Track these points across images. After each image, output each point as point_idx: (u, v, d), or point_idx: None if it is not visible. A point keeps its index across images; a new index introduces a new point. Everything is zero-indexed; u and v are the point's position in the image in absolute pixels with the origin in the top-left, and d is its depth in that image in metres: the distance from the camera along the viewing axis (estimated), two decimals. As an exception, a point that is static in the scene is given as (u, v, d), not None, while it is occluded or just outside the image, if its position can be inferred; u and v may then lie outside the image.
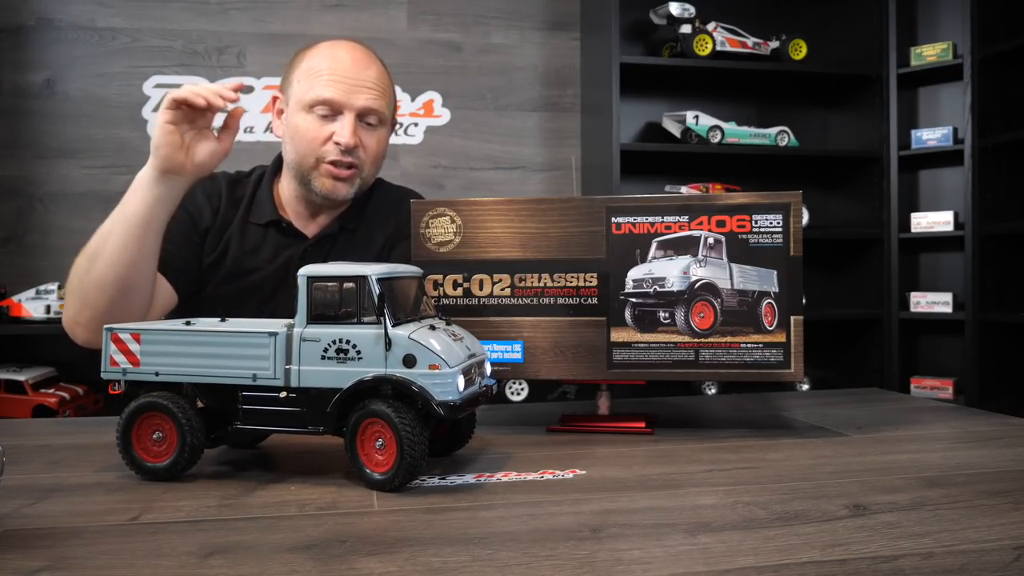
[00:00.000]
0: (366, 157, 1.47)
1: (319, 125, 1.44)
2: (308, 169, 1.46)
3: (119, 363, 0.94)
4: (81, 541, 0.73)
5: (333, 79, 1.43)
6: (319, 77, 1.43)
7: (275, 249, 1.50)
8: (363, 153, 1.46)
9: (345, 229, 1.53)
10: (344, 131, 1.42)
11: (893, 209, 3.38)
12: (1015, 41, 3.06)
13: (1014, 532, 0.73)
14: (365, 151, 1.46)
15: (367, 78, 1.45)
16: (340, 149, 1.43)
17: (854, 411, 1.36)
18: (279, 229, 1.51)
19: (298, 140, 1.46)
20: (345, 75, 1.43)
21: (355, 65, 1.45)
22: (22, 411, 2.62)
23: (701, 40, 3.19)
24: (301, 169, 1.47)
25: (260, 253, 1.50)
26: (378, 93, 1.46)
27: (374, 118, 1.46)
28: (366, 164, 1.48)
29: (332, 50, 1.47)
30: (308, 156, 1.45)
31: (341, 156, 1.43)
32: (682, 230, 1.16)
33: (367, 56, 1.49)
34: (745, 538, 0.72)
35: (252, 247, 1.50)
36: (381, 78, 1.48)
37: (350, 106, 1.43)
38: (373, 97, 1.45)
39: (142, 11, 3.16)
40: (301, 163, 1.46)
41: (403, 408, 0.86)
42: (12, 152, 3.08)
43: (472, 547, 0.70)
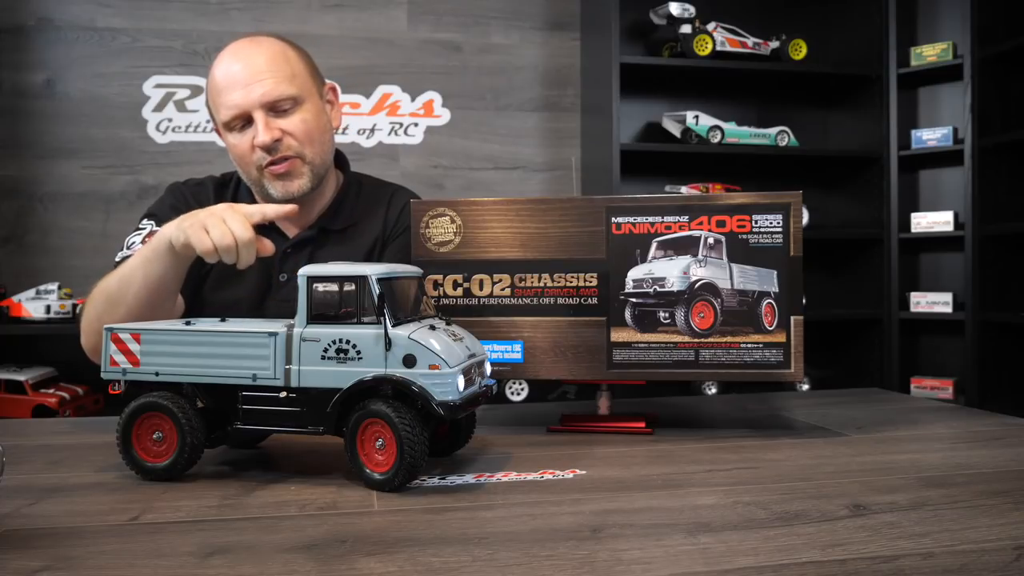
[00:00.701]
0: (297, 142, 1.43)
1: (241, 138, 1.44)
2: (256, 180, 1.46)
3: (119, 363, 0.94)
4: (81, 541, 0.73)
5: (226, 91, 1.42)
6: (217, 95, 1.44)
7: None
8: (291, 140, 1.43)
9: (327, 231, 1.52)
10: (259, 132, 1.41)
11: (893, 209, 3.38)
12: (1015, 41, 3.06)
13: (1014, 532, 0.73)
14: (293, 136, 1.43)
15: (257, 71, 1.41)
16: (264, 150, 1.42)
17: (854, 411, 1.36)
18: (260, 230, 1.50)
19: (236, 159, 1.47)
20: (235, 79, 1.42)
21: (243, 65, 1.42)
22: (22, 411, 2.62)
23: (701, 40, 3.19)
24: (252, 183, 1.48)
25: None
26: (277, 79, 1.42)
27: (286, 103, 1.42)
28: (304, 148, 1.44)
29: (222, 59, 1.46)
30: (249, 169, 1.46)
31: (269, 155, 1.42)
32: (682, 230, 1.16)
33: (253, 46, 1.45)
34: (745, 538, 0.72)
35: None
36: (275, 62, 1.43)
37: (252, 105, 1.41)
38: (271, 85, 1.41)
39: (142, 11, 3.16)
40: (249, 178, 1.48)
41: (403, 408, 0.86)
42: (12, 152, 3.08)
43: (472, 547, 0.70)
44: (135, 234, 1.49)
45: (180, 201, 1.52)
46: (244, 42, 1.47)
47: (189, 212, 1.49)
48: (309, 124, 1.45)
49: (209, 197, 1.54)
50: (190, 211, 1.49)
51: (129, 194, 3.11)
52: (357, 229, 1.54)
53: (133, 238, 1.48)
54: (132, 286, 1.31)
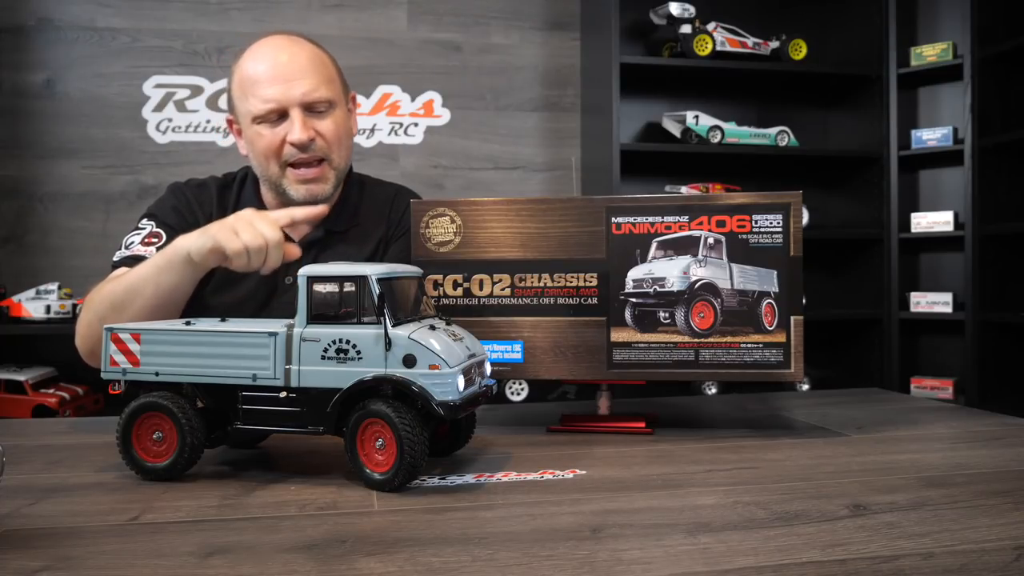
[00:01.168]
0: (328, 144, 1.44)
1: (271, 132, 1.42)
2: (277, 178, 1.45)
3: (119, 363, 0.94)
4: (81, 541, 0.73)
5: (266, 84, 1.41)
6: (254, 87, 1.42)
7: None
8: (322, 142, 1.44)
9: (332, 232, 1.51)
10: (295, 129, 1.40)
11: (893, 209, 3.38)
12: (1015, 41, 3.06)
13: (1014, 532, 0.73)
14: (324, 139, 1.44)
15: (298, 69, 1.42)
16: (297, 148, 1.41)
17: (854, 411, 1.36)
18: None
19: (257, 153, 1.45)
20: (277, 74, 1.41)
21: (282, 61, 1.42)
22: (22, 411, 2.62)
23: (701, 40, 3.19)
24: (271, 180, 1.46)
25: None
26: (317, 79, 1.43)
27: (322, 104, 1.43)
28: (332, 152, 1.45)
29: (257, 54, 1.45)
30: (272, 165, 1.44)
31: (301, 154, 1.42)
32: (682, 230, 1.16)
33: (292, 46, 1.45)
34: (745, 538, 0.72)
35: None
36: (314, 64, 1.45)
37: (291, 102, 1.40)
38: (312, 85, 1.42)
39: (142, 11, 3.16)
40: (268, 174, 1.46)
41: (403, 408, 0.86)
42: (12, 152, 3.08)
43: (472, 547, 0.70)
44: (134, 234, 1.48)
45: (181, 202, 1.52)
46: (282, 39, 1.46)
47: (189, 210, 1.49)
48: (339, 128, 1.46)
49: (211, 198, 1.53)
50: (191, 212, 1.50)
51: (129, 194, 3.11)
52: (361, 229, 1.53)
53: (132, 238, 1.47)
54: (141, 295, 1.30)
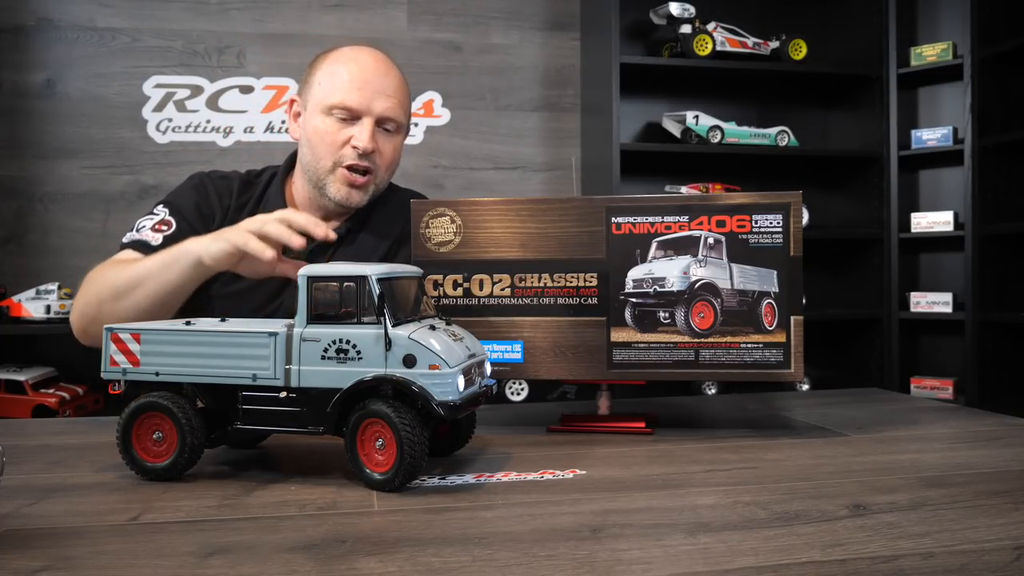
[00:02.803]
0: (381, 163, 1.49)
1: (337, 128, 1.46)
2: (324, 173, 1.47)
3: (119, 363, 0.94)
4: (81, 541, 0.73)
5: (354, 84, 1.45)
6: (340, 81, 1.46)
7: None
8: (379, 159, 1.48)
9: (352, 231, 1.54)
10: (363, 135, 1.44)
11: (893, 209, 3.38)
12: (1015, 41, 3.06)
13: (1014, 532, 0.73)
14: (381, 157, 1.48)
15: (387, 85, 1.48)
16: (358, 153, 1.45)
17: (854, 411, 1.36)
18: None
19: (316, 142, 1.47)
20: (366, 81, 1.46)
21: (376, 72, 1.48)
22: (22, 411, 2.62)
23: (701, 40, 3.19)
24: (317, 172, 1.48)
25: None
26: (397, 101, 1.49)
27: (392, 125, 1.49)
28: (381, 170, 1.50)
29: (354, 56, 1.49)
30: (325, 159, 1.46)
31: (358, 160, 1.45)
32: (682, 230, 1.16)
33: (387, 64, 1.51)
34: (745, 538, 0.72)
35: None
36: (400, 86, 1.51)
37: (369, 111, 1.45)
38: (392, 105, 1.47)
39: (142, 11, 3.16)
40: (317, 166, 1.48)
41: (403, 408, 0.86)
42: (12, 152, 3.08)
43: (472, 547, 0.70)
44: (147, 217, 1.49)
45: (201, 196, 1.53)
46: (380, 53, 1.53)
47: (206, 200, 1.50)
48: (395, 154, 1.53)
49: (232, 191, 1.54)
50: (208, 205, 1.51)
51: (129, 194, 3.11)
52: (380, 231, 1.56)
53: (144, 221, 1.48)
54: (143, 288, 1.31)
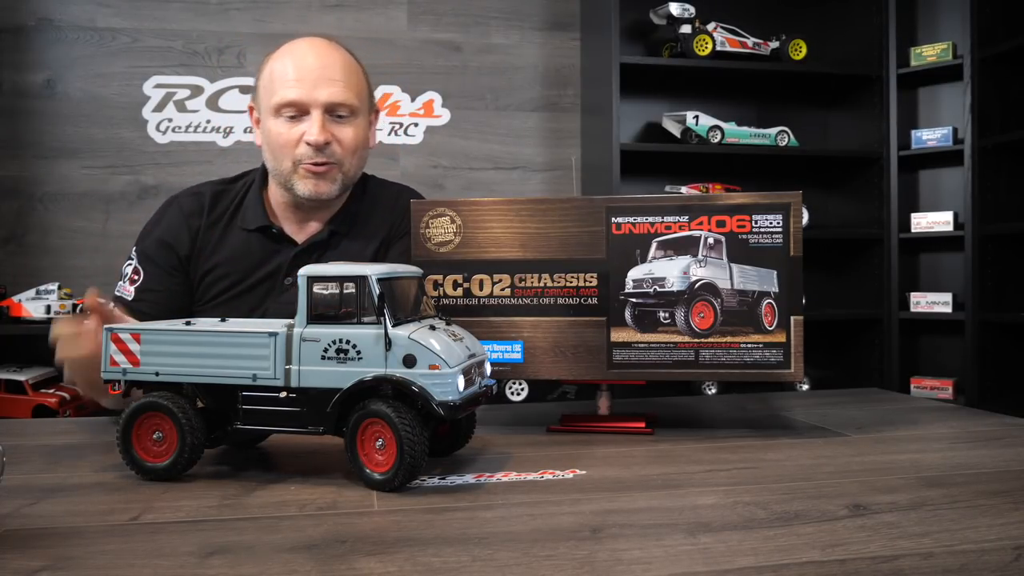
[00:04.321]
0: (342, 151, 1.44)
1: (289, 127, 1.42)
2: (287, 173, 1.44)
3: (119, 363, 0.94)
4: (81, 541, 0.73)
5: (295, 79, 1.41)
6: (282, 80, 1.42)
7: (264, 255, 1.49)
8: (338, 147, 1.44)
9: (336, 234, 1.51)
10: (313, 128, 1.40)
11: (893, 209, 3.38)
12: (1015, 41, 3.05)
13: (1014, 532, 0.73)
14: (340, 144, 1.44)
15: (330, 72, 1.43)
16: (312, 148, 1.41)
17: (854, 411, 1.36)
18: (268, 235, 1.49)
19: (272, 146, 1.45)
20: (306, 72, 1.42)
21: (316, 61, 1.43)
22: (22, 411, 2.62)
23: (701, 40, 3.19)
24: (281, 174, 1.46)
25: (249, 259, 1.48)
26: (344, 85, 1.43)
27: (344, 110, 1.44)
28: (344, 158, 1.45)
29: (291, 50, 1.45)
30: (284, 160, 1.44)
31: (314, 155, 1.41)
32: (682, 230, 1.16)
33: (328, 50, 1.46)
34: (745, 538, 0.72)
35: (241, 253, 1.49)
36: (346, 70, 1.45)
37: (315, 103, 1.41)
38: (338, 90, 1.42)
39: (142, 11, 3.16)
40: (279, 168, 1.45)
41: (403, 408, 0.86)
42: (12, 152, 3.08)
43: (472, 547, 0.70)
44: (127, 264, 1.49)
45: (167, 230, 1.50)
46: (321, 41, 1.47)
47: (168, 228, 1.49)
48: (357, 138, 1.46)
49: (203, 208, 1.51)
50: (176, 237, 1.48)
51: (129, 194, 3.11)
52: (365, 231, 1.53)
53: (125, 269, 1.49)
54: None
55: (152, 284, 1.46)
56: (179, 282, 1.48)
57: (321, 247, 1.50)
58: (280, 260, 1.49)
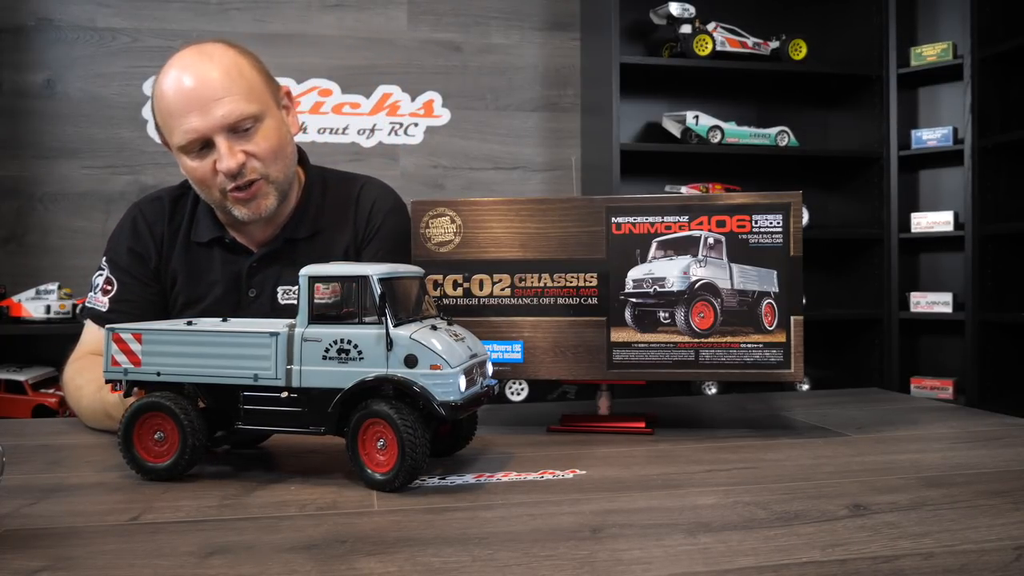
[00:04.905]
0: (262, 162, 1.33)
1: (200, 161, 1.32)
2: (220, 202, 1.36)
3: (121, 363, 0.94)
4: (81, 541, 0.73)
5: (182, 113, 1.29)
6: (172, 116, 1.31)
7: (221, 266, 1.43)
8: (256, 161, 1.32)
9: (292, 240, 1.43)
10: (223, 159, 1.29)
11: (893, 209, 3.38)
12: (1015, 41, 3.05)
13: (1014, 532, 0.73)
14: (257, 157, 1.32)
15: (213, 90, 1.29)
16: (227, 176, 1.31)
17: (854, 411, 1.36)
18: (223, 246, 1.43)
19: (194, 182, 1.37)
20: (190, 100, 1.29)
21: (197, 82, 1.29)
22: (22, 411, 2.62)
23: (701, 40, 3.19)
24: (215, 203, 1.38)
25: (209, 272, 1.43)
26: (235, 97, 1.30)
27: (247, 121, 1.31)
28: (268, 168, 1.34)
29: (169, 77, 1.32)
30: (211, 191, 1.35)
31: (235, 180, 1.32)
32: (682, 230, 1.16)
33: (204, 63, 1.32)
34: (745, 538, 0.72)
35: (199, 267, 1.43)
36: (231, 77, 1.31)
37: (213, 129, 1.29)
38: (230, 105, 1.29)
39: (142, 11, 3.16)
40: (211, 199, 1.37)
41: (405, 408, 0.86)
42: (12, 152, 3.08)
43: (472, 547, 0.70)
44: (97, 275, 1.44)
45: (134, 239, 1.45)
46: (191, 54, 1.33)
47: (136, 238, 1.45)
48: (272, 142, 1.34)
49: (163, 215, 1.46)
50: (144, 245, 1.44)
51: (129, 194, 3.10)
52: (325, 235, 1.45)
53: (96, 280, 1.44)
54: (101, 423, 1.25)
55: (127, 295, 1.41)
56: (155, 292, 1.43)
57: (278, 255, 1.42)
58: (236, 269, 1.43)
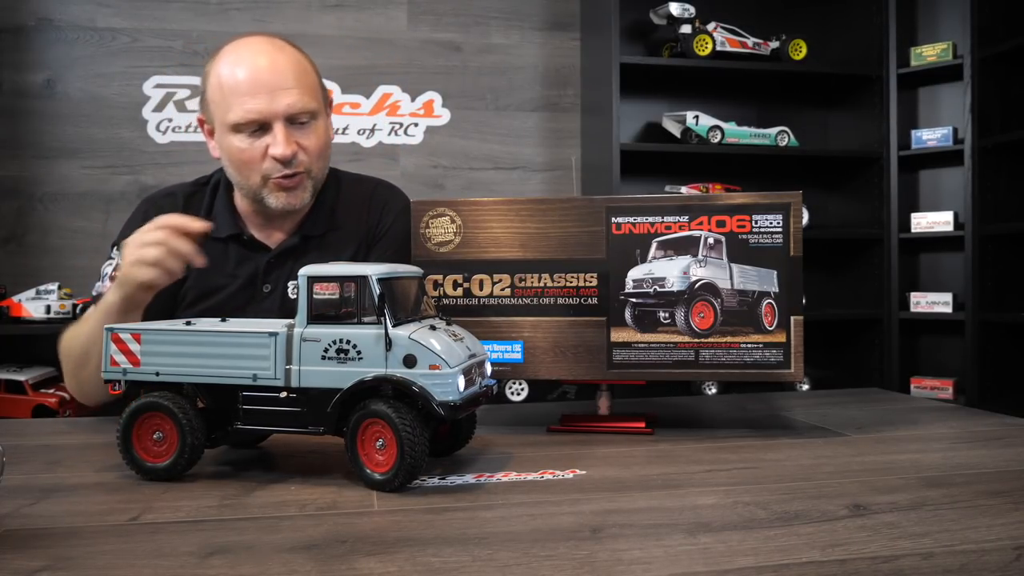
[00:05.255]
0: (309, 158, 1.39)
1: (251, 143, 1.35)
2: (256, 188, 1.39)
3: (119, 363, 0.94)
4: (81, 541, 0.73)
5: (248, 92, 1.33)
6: (235, 93, 1.34)
7: (237, 263, 1.44)
8: (304, 155, 1.38)
9: (309, 238, 1.46)
10: (278, 144, 1.34)
11: (893, 209, 3.38)
12: (1015, 41, 3.05)
13: (1014, 532, 0.73)
14: (306, 152, 1.38)
15: (283, 79, 1.35)
16: (279, 162, 1.35)
17: (854, 411, 1.36)
18: (240, 242, 1.45)
19: (236, 163, 1.38)
20: (259, 83, 1.33)
21: (266, 70, 1.35)
22: (22, 411, 2.62)
23: (701, 40, 3.19)
24: (250, 189, 1.40)
25: (223, 268, 1.43)
26: (300, 90, 1.36)
27: (304, 116, 1.37)
28: (312, 164, 1.40)
29: (238, 59, 1.36)
30: (251, 176, 1.38)
31: (283, 168, 1.36)
32: (682, 230, 1.16)
33: (278, 52, 1.38)
34: (745, 538, 0.72)
35: (213, 263, 1.41)
36: (298, 72, 1.38)
37: (275, 115, 1.34)
38: (296, 96, 1.35)
39: (142, 11, 3.16)
40: (247, 184, 1.39)
41: (404, 408, 0.86)
42: (12, 152, 3.08)
43: (472, 547, 0.70)
44: (107, 264, 1.44)
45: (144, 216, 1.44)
46: (265, 42, 1.39)
47: None
48: (321, 140, 1.41)
49: (177, 207, 1.45)
50: None
51: (129, 194, 3.11)
52: (339, 233, 1.48)
53: (105, 269, 1.44)
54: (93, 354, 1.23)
55: None
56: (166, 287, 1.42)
57: (294, 252, 1.45)
58: (253, 267, 1.44)
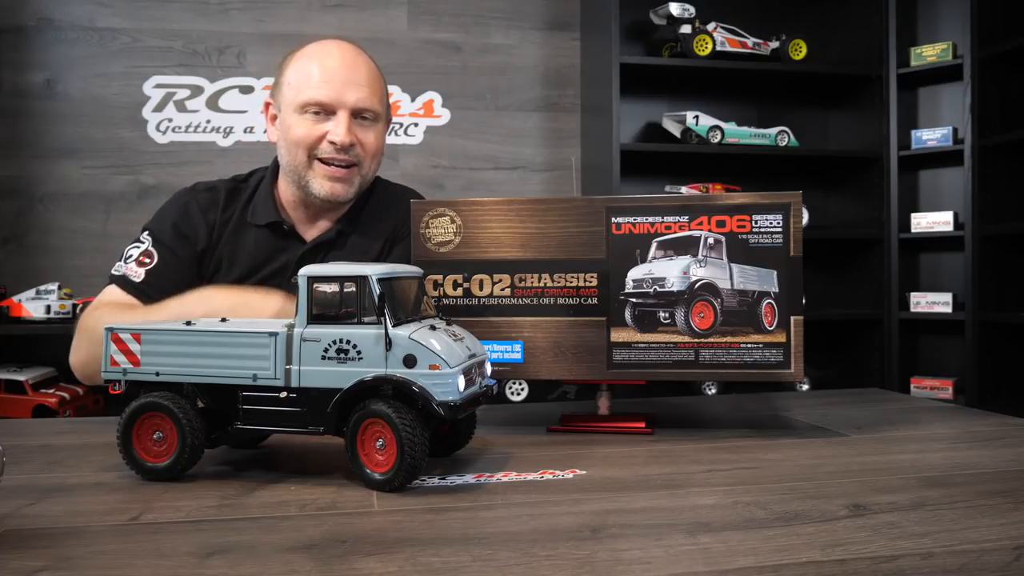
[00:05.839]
0: (365, 154, 1.47)
1: (311, 124, 1.44)
2: (303, 169, 1.45)
3: (119, 363, 0.94)
4: (81, 541, 0.73)
5: (323, 79, 1.43)
6: (309, 79, 1.44)
7: (272, 252, 1.50)
8: (361, 150, 1.46)
9: (343, 233, 1.52)
10: (339, 129, 1.43)
11: (893, 209, 3.38)
12: (1015, 41, 3.05)
13: (1014, 532, 0.73)
14: (363, 148, 1.47)
15: (357, 76, 1.45)
16: (336, 147, 1.43)
17: (854, 411, 1.36)
18: (278, 232, 1.51)
19: (290, 140, 1.45)
20: (334, 74, 1.44)
21: (344, 64, 1.46)
22: (22, 411, 2.62)
23: (701, 40, 3.19)
24: (296, 170, 1.46)
25: (257, 255, 1.50)
26: (370, 91, 1.46)
27: (369, 114, 1.47)
28: (365, 161, 1.48)
29: (321, 51, 1.47)
30: (301, 155, 1.45)
31: (336, 154, 1.44)
32: (682, 230, 1.16)
33: (356, 55, 1.49)
34: (745, 538, 0.72)
35: (250, 249, 1.50)
36: (371, 76, 1.48)
37: (343, 104, 1.43)
38: (365, 95, 1.45)
39: (142, 11, 3.16)
40: (295, 163, 1.46)
41: (404, 408, 0.86)
42: (12, 152, 3.08)
43: (472, 547, 0.70)
44: (133, 247, 1.47)
45: (182, 216, 1.50)
46: (350, 45, 1.50)
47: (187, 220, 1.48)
48: (378, 143, 1.50)
49: (218, 203, 1.52)
50: (191, 226, 1.49)
51: (129, 194, 3.11)
52: (370, 230, 1.55)
53: (131, 251, 1.47)
54: None
55: (167, 271, 1.44)
56: (194, 275, 1.48)
57: (328, 246, 1.51)
58: (288, 257, 1.49)
